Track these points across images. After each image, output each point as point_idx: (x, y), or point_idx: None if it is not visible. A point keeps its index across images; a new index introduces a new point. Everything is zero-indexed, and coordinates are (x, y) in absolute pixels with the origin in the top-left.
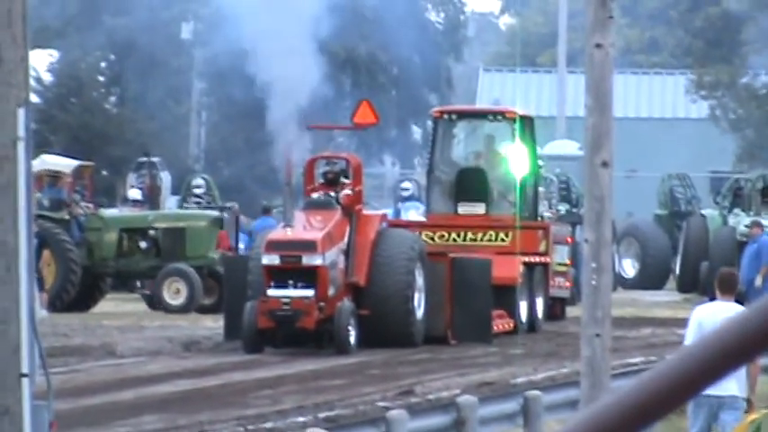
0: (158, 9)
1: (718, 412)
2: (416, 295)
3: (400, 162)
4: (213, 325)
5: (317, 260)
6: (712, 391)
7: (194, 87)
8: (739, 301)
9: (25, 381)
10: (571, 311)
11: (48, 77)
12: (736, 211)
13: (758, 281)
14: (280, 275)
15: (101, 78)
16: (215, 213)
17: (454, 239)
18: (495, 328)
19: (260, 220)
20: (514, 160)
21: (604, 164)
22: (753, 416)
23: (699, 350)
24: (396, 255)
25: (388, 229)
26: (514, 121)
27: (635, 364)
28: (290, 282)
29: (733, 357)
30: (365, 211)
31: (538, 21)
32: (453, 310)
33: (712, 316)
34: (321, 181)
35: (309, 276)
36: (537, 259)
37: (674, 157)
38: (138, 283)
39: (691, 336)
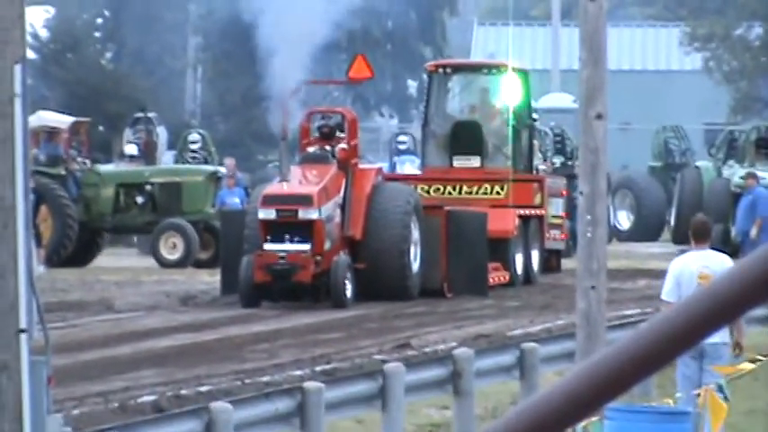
0: None
1: (701, 360)
2: (412, 249)
3: (397, 116)
4: (210, 279)
5: (312, 214)
6: None
7: (190, 43)
8: (718, 248)
9: (23, 336)
10: (567, 264)
11: (44, 33)
12: (731, 162)
13: (753, 232)
14: (276, 229)
15: (97, 34)
16: (211, 168)
17: (449, 192)
18: (490, 280)
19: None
20: (509, 113)
21: (599, 116)
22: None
23: (695, 302)
24: (391, 208)
25: (384, 183)
26: (509, 73)
27: (630, 316)
28: (287, 236)
29: (729, 308)
30: (361, 166)
31: None
32: (449, 263)
33: (688, 267)
34: (316, 135)
35: (305, 230)
36: (532, 212)
37: (669, 109)
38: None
39: (668, 290)
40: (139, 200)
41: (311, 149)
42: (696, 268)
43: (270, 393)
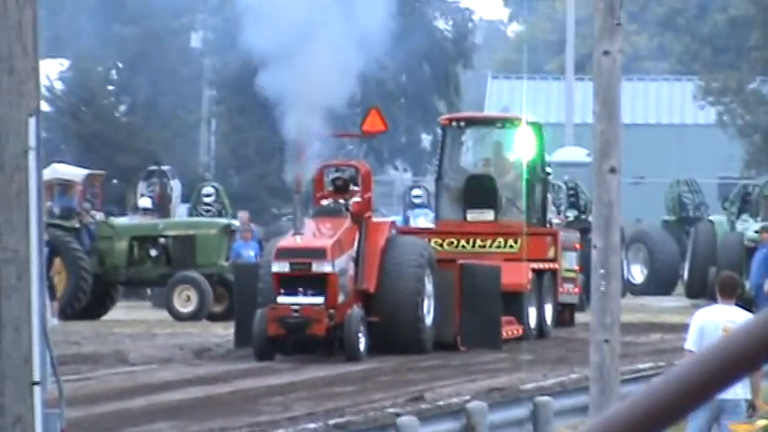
0: (168, 18)
1: (720, 415)
2: (426, 302)
3: (411, 169)
4: (224, 332)
5: (326, 267)
6: None
7: (204, 96)
8: (742, 305)
9: (37, 389)
10: (580, 318)
11: (59, 86)
12: (744, 216)
13: (767, 286)
14: (290, 283)
15: (111, 87)
16: (225, 221)
17: (463, 246)
18: (504, 334)
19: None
20: (522, 167)
21: (612, 170)
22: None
23: (709, 357)
24: (405, 261)
25: (398, 236)
26: (522, 127)
27: (644, 370)
28: (300, 289)
29: (744, 363)
30: (374, 219)
31: (545, 28)
32: (462, 317)
33: (713, 319)
34: (330, 188)
35: (319, 283)
36: (546, 265)
37: (683, 163)
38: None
39: (692, 340)
40: (153, 253)
41: (325, 202)
42: (721, 321)
43: None
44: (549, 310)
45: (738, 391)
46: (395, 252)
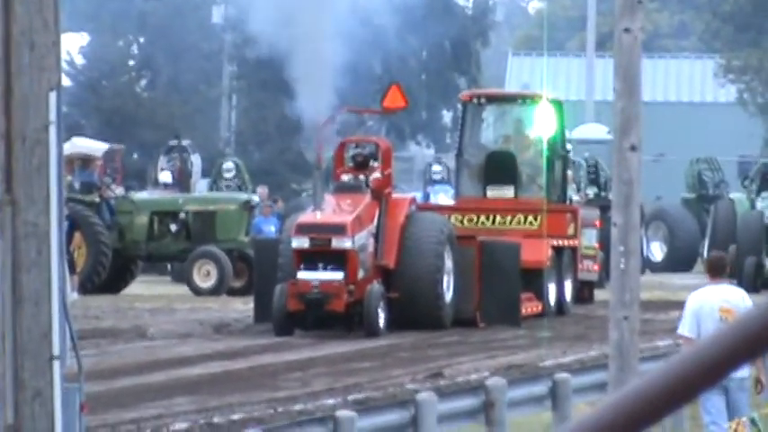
0: None
1: (729, 393)
2: (445, 278)
3: (432, 146)
4: (243, 308)
5: (346, 243)
6: None
7: (225, 71)
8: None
9: (56, 363)
10: (599, 295)
11: (80, 60)
12: (764, 194)
13: None
14: (309, 258)
15: (131, 62)
16: (245, 196)
17: (483, 223)
18: (523, 310)
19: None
20: (542, 143)
21: (633, 147)
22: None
23: (724, 336)
24: (425, 238)
25: (418, 213)
26: (543, 104)
27: (663, 348)
28: (320, 264)
29: (760, 343)
30: (394, 195)
31: (566, 5)
32: (482, 293)
33: (708, 301)
34: (350, 164)
35: (339, 259)
36: (565, 242)
37: (702, 141)
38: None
39: (687, 324)
40: (173, 228)
41: (345, 178)
42: (716, 302)
43: (302, 422)
44: (568, 287)
45: (739, 372)
46: (415, 228)
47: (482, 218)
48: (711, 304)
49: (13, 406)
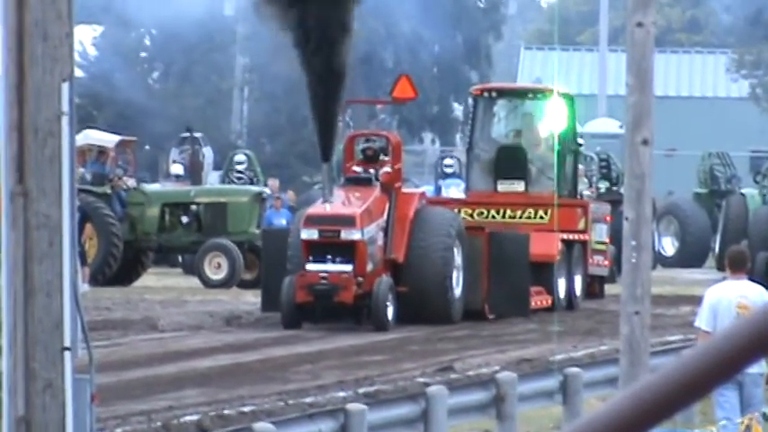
0: None
1: (743, 388)
2: (455, 273)
3: (441, 139)
4: (254, 300)
5: (355, 235)
6: None
7: (237, 63)
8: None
9: (67, 354)
10: (610, 289)
11: (93, 52)
12: None
13: None
14: (318, 250)
15: (144, 54)
16: (256, 189)
17: (493, 217)
18: (532, 303)
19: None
20: (554, 138)
21: (645, 142)
22: None
23: (738, 332)
24: (434, 233)
25: (427, 207)
26: (554, 98)
27: (674, 342)
28: (329, 256)
29: None
30: (404, 190)
31: None
32: (491, 284)
33: (726, 296)
34: (360, 158)
35: (348, 251)
36: (576, 237)
37: (715, 136)
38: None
39: (704, 318)
40: (184, 220)
41: (357, 169)
42: (734, 298)
43: (313, 414)
44: (578, 281)
45: (753, 368)
46: (424, 223)
47: (492, 212)
48: (729, 299)
49: (24, 397)
